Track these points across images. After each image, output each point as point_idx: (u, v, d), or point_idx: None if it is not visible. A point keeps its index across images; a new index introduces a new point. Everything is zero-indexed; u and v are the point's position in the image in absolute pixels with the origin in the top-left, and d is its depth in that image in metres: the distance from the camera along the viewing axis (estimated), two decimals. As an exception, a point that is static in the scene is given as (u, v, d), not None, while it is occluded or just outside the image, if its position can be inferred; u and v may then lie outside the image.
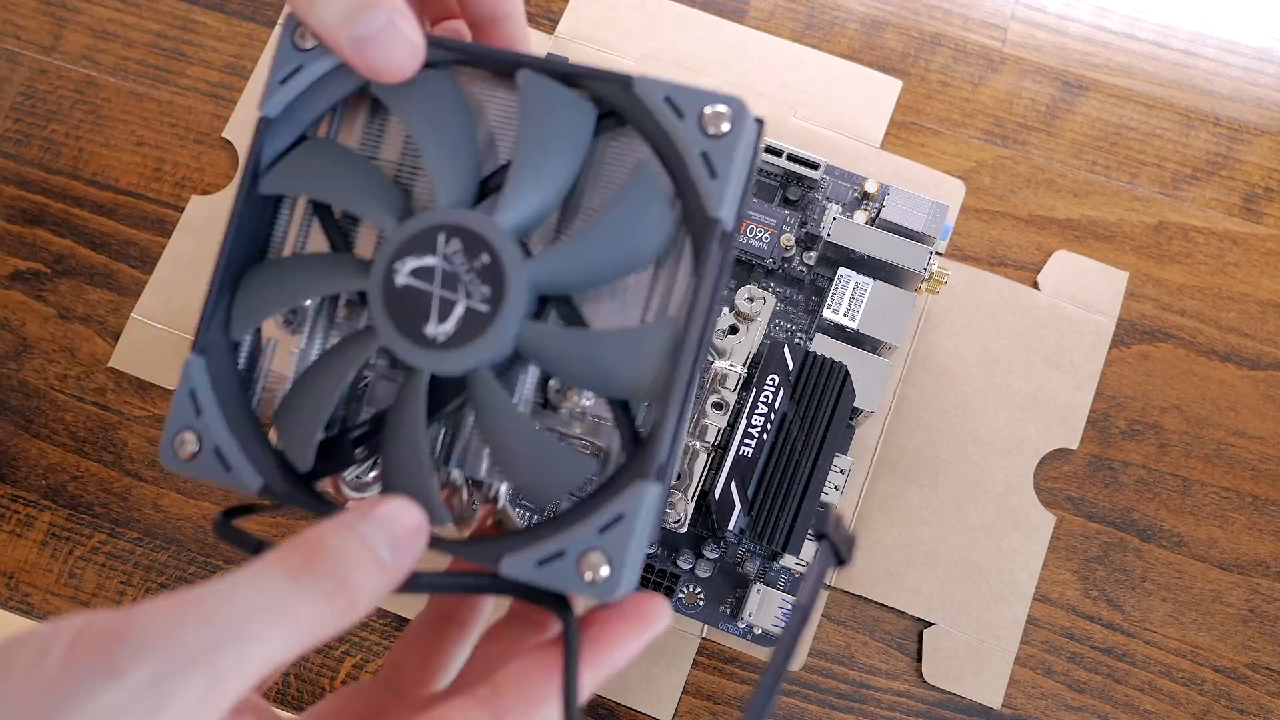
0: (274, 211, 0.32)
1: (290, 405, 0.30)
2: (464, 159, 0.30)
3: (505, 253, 0.28)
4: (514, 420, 0.28)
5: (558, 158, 0.29)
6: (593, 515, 0.26)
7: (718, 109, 0.28)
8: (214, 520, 0.26)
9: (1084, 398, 0.44)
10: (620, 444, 0.30)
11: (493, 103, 0.31)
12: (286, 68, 0.29)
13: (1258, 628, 0.43)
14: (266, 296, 0.30)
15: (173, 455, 0.28)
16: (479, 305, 0.28)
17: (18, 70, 0.48)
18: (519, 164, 0.29)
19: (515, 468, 0.28)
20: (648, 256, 0.29)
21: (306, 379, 0.30)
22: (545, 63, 0.29)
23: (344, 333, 0.31)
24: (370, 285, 0.28)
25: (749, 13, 0.48)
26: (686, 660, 0.42)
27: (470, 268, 0.28)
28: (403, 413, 0.29)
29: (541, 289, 0.29)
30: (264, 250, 0.31)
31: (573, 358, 0.28)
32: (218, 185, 0.47)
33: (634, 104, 0.29)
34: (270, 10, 0.48)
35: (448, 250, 0.28)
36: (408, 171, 0.31)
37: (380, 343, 0.28)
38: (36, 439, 0.45)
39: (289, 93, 0.30)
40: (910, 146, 0.47)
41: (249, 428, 0.30)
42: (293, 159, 0.31)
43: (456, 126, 0.30)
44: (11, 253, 0.46)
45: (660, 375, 0.28)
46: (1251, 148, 0.47)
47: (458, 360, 0.28)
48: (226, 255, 0.30)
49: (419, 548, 0.24)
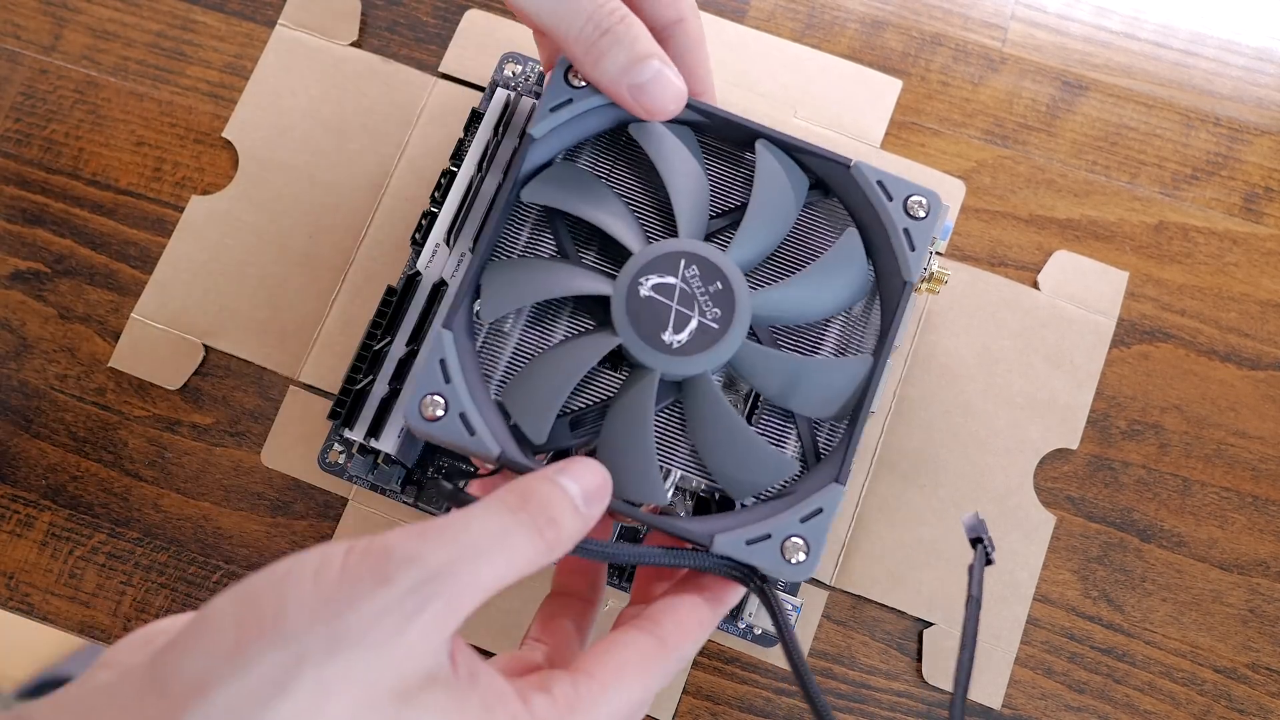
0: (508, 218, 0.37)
1: (529, 386, 0.34)
2: (701, 202, 0.36)
3: (736, 282, 0.34)
4: (732, 420, 0.34)
5: (780, 215, 0.36)
6: (796, 507, 0.32)
7: (919, 199, 0.35)
8: (440, 486, 0.31)
9: (1084, 398, 0.44)
10: (797, 453, 0.35)
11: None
12: (558, 98, 0.35)
13: (1258, 628, 0.43)
14: (520, 288, 0.35)
15: (418, 415, 0.32)
16: (710, 322, 0.34)
17: (18, 70, 0.48)
18: (752, 215, 0.35)
19: (726, 461, 0.34)
20: (847, 305, 0.36)
21: (546, 364, 0.35)
22: (780, 135, 0.36)
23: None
24: (615, 293, 0.34)
25: (749, 13, 0.48)
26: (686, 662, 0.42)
27: (705, 291, 0.34)
28: (633, 404, 0.34)
29: (758, 318, 0.35)
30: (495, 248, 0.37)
31: (780, 377, 0.34)
32: (218, 185, 0.47)
33: (847, 181, 0.36)
34: (270, 10, 0.48)
35: (687, 274, 0.34)
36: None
37: (620, 342, 0.34)
38: (36, 439, 0.45)
39: (556, 120, 0.35)
40: (910, 146, 0.47)
41: (487, 401, 0.34)
42: (553, 176, 0.37)
43: (696, 174, 0.36)
44: (11, 253, 0.46)
45: (852, 400, 0.34)
46: (1252, 148, 0.47)
47: (687, 366, 0.34)
48: (487, 249, 0.35)
49: (605, 501, 0.29)
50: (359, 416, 0.38)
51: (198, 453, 0.44)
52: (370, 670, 0.23)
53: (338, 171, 0.46)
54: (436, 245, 0.40)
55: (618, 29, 0.33)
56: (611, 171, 0.38)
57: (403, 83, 0.47)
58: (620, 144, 0.38)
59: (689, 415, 0.35)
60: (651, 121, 0.36)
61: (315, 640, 0.22)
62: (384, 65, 0.48)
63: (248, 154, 0.47)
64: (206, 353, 0.45)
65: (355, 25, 0.48)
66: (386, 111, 0.47)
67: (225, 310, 0.45)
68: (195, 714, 0.22)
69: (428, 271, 0.40)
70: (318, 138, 0.47)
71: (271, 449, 0.44)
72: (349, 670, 0.22)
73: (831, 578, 0.43)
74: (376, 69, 0.48)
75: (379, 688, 0.23)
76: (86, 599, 0.43)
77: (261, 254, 0.46)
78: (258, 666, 0.22)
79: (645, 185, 0.38)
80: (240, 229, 0.46)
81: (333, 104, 0.47)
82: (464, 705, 0.24)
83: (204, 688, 0.22)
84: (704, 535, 0.32)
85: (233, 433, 0.44)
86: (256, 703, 0.22)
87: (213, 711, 0.22)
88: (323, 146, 0.47)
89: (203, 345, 0.45)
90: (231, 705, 0.22)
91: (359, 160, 0.47)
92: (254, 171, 0.47)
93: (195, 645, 0.23)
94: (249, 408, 0.45)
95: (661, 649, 0.29)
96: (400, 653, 0.23)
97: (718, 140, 0.38)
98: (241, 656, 0.22)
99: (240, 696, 0.22)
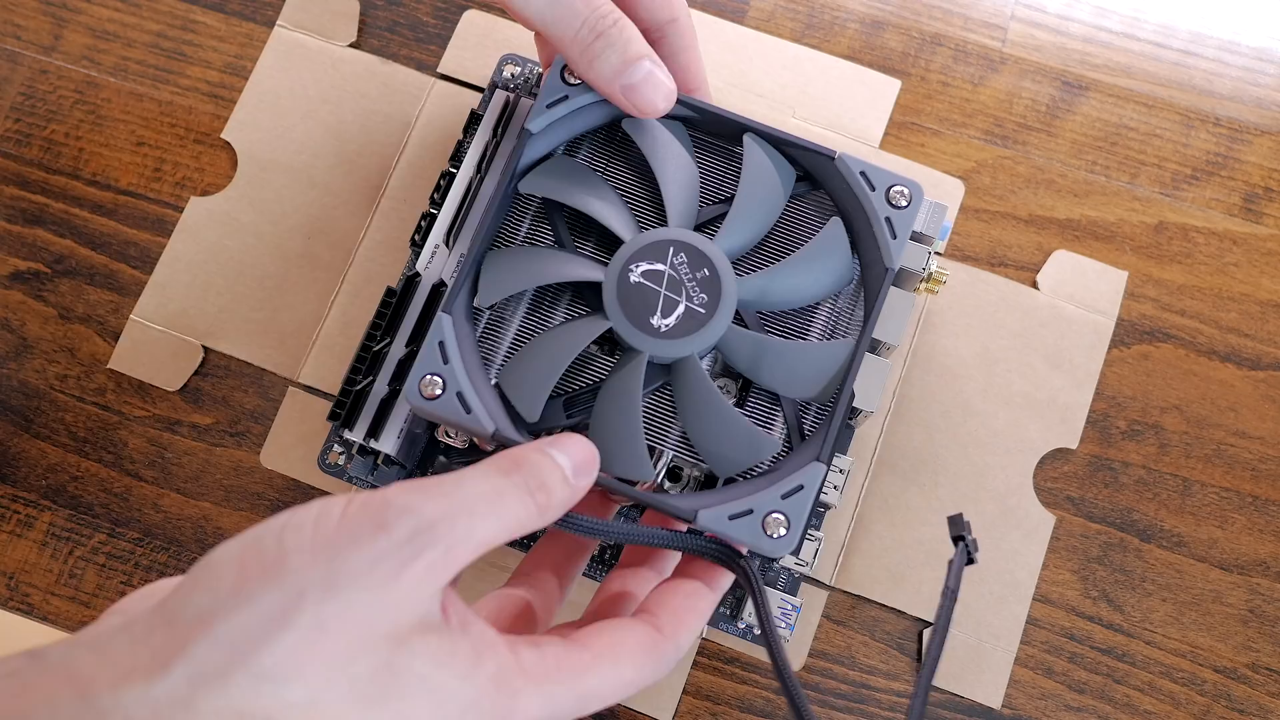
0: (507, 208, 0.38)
1: (524, 366, 0.36)
2: (691, 193, 0.37)
3: (722, 269, 0.35)
4: (717, 400, 0.35)
5: (767, 205, 0.37)
6: (777, 483, 0.33)
7: (901, 188, 0.36)
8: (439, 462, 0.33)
9: (1083, 397, 0.44)
10: (783, 434, 0.36)
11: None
12: (554, 95, 0.37)
13: (1258, 628, 0.43)
14: (516, 274, 0.36)
15: (418, 394, 0.34)
16: (697, 307, 0.35)
17: (18, 70, 0.48)
18: (739, 205, 0.37)
19: (710, 439, 0.35)
20: (831, 292, 0.37)
21: (540, 346, 0.36)
22: (767, 128, 0.37)
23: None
24: (606, 279, 0.36)
25: (749, 13, 0.48)
26: (686, 662, 0.42)
27: (693, 277, 0.35)
28: (622, 385, 0.35)
29: (744, 304, 0.36)
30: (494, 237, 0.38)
31: (764, 360, 0.36)
32: (218, 185, 0.47)
33: (833, 173, 0.37)
34: (270, 10, 0.48)
35: (676, 261, 0.36)
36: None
37: (610, 325, 0.35)
38: (36, 439, 0.45)
39: (552, 116, 0.37)
40: (910, 146, 0.47)
41: (484, 382, 0.35)
42: (550, 169, 0.38)
43: (686, 167, 0.37)
44: (12, 253, 0.46)
45: (834, 383, 0.35)
46: (1251, 148, 0.47)
47: (675, 349, 0.35)
48: (485, 238, 0.36)
49: (593, 474, 0.30)
50: (359, 417, 0.38)
51: (198, 453, 0.44)
52: (366, 611, 0.24)
53: (337, 173, 0.46)
54: (436, 246, 0.40)
55: (610, 33, 0.35)
56: (608, 166, 0.39)
57: (401, 84, 0.47)
58: (616, 139, 0.39)
59: (677, 396, 0.36)
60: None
61: (314, 580, 0.24)
62: (383, 66, 0.48)
63: (247, 155, 0.47)
64: (206, 354, 0.45)
65: (354, 26, 0.48)
66: (385, 113, 0.47)
67: (224, 311, 0.45)
68: (200, 644, 0.23)
69: (427, 273, 0.40)
70: (317, 139, 0.47)
71: (271, 450, 0.44)
72: (345, 610, 0.24)
73: (831, 578, 0.43)
74: (375, 70, 0.48)
75: (374, 628, 0.24)
76: (87, 599, 0.43)
77: (260, 255, 0.46)
78: (259, 602, 0.23)
79: (640, 179, 0.38)
80: (239, 230, 0.46)
81: (331, 105, 0.47)
82: (454, 651, 0.25)
83: (209, 621, 0.23)
84: (688, 510, 0.33)
85: (233, 433, 0.44)
86: (258, 635, 0.23)
87: (217, 642, 0.23)
88: (322, 148, 0.47)
89: (202, 346, 0.45)
90: (235, 637, 0.23)
91: (358, 161, 0.47)
92: (253, 173, 0.47)
93: (200, 585, 0.24)
94: (249, 408, 0.45)
95: (657, 637, 0.29)
96: (395, 596, 0.24)
97: (710, 135, 0.39)
98: (244, 593, 0.23)
99: (243, 629, 0.23)
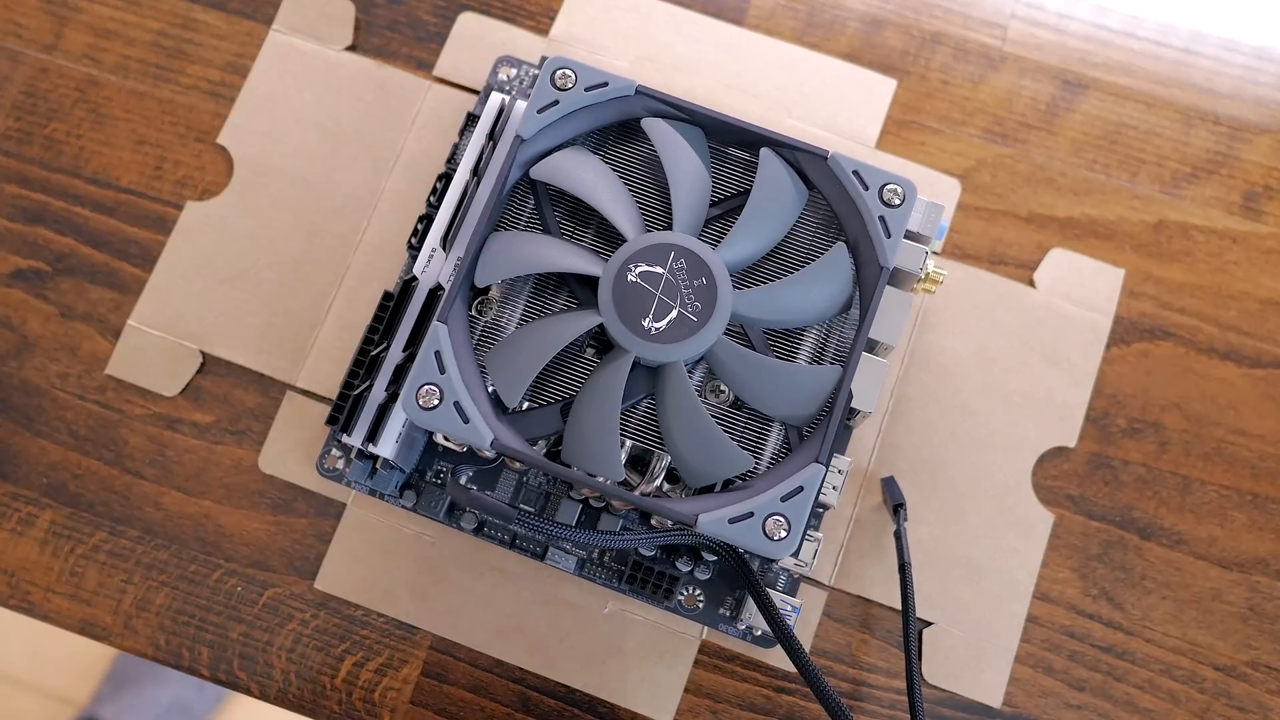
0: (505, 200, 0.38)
1: (509, 353, 0.35)
2: (700, 200, 0.37)
3: (721, 280, 0.35)
4: (696, 410, 0.35)
5: (775, 222, 0.37)
6: (776, 486, 0.33)
7: (895, 187, 0.36)
8: (451, 481, 0.34)
9: (1081, 395, 0.44)
10: (781, 435, 0.36)
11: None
12: (544, 100, 0.37)
13: (1258, 626, 0.43)
14: (515, 258, 0.36)
15: (415, 404, 0.34)
16: (690, 315, 0.35)
17: (19, 69, 0.48)
18: (747, 218, 0.36)
19: (688, 449, 0.35)
20: (827, 316, 0.37)
21: (528, 334, 0.36)
22: (752, 126, 0.37)
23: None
24: (604, 275, 0.35)
25: (749, 12, 0.48)
26: (686, 663, 0.42)
27: (690, 284, 0.35)
28: (603, 383, 0.35)
29: (738, 317, 0.36)
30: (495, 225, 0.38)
31: (751, 378, 0.35)
32: (219, 184, 0.47)
33: (827, 173, 0.37)
34: (270, 9, 0.48)
35: (675, 266, 0.35)
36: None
37: (600, 321, 0.35)
38: (37, 437, 0.45)
39: (543, 121, 0.36)
40: (910, 145, 0.47)
41: (481, 391, 0.35)
42: (564, 158, 0.37)
43: (698, 174, 0.37)
44: (12, 251, 0.46)
45: (818, 408, 0.35)
46: (1251, 146, 0.47)
47: (662, 353, 0.35)
48: (478, 243, 0.36)
49: None
50: (357, 421, 0.38)
51: (198, 451, 0.44)
52: None
53: (333, 176, 0.46)
54: (433, 250, 0.40)
55: None
56: (627, 165, 0.39)
57: (397, 87, 0.47)
58: (636, 140, 0.39)
59: (658, 401, 0.36)
60: (661, 119, 0.37)
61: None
62: (378, 70, 0.48)
63: (242, 160, 0.47)
64: (203, 359, 0.45)
65: (349, 30, 0.48)
66: (381, 116, 0.47)
67: (222, 316, 0.45)
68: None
69: (424, 276, 0.40)
70: (312, 143, 0.47)
71: (269, 454, 0.44)
72: None
73: (831, 578, 0.43)
74: (371, 73, 0.48)
75: None
76: (88, 597, 0.43)
77: (257, 260, 0.46)
78: None
79: (654, 181, 0.38)
80: (236, 235, 0.46)
81: (327, 109, 0.47)
82: None
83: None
84: (689, 514, 0.33)
85: (233, 431, 0.44)
86: None
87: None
88: (318, 152, 0.47)
89: (200, 352, 0.45)
90: None
91: (354, 165, 0.47)
92: (249, 177, 0.47)
93: None
94: (249, 406, 0.45)
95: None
96: None
97: (714, 143, 0.39)
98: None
99: None
